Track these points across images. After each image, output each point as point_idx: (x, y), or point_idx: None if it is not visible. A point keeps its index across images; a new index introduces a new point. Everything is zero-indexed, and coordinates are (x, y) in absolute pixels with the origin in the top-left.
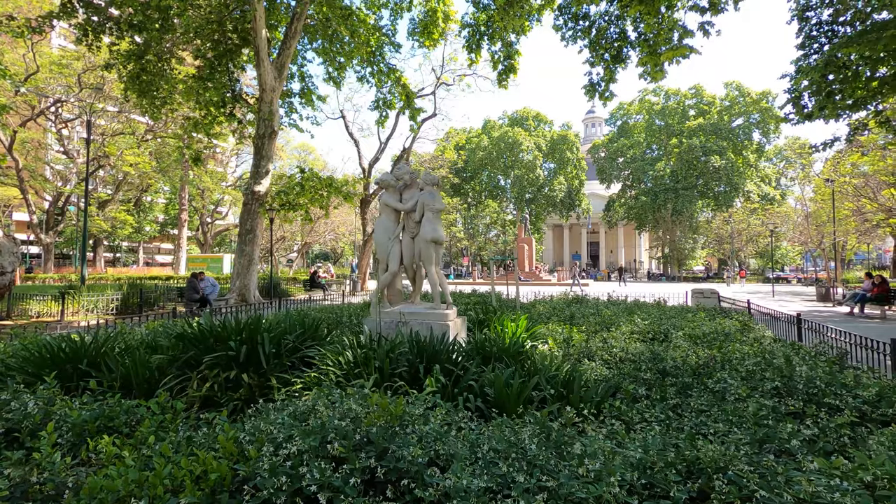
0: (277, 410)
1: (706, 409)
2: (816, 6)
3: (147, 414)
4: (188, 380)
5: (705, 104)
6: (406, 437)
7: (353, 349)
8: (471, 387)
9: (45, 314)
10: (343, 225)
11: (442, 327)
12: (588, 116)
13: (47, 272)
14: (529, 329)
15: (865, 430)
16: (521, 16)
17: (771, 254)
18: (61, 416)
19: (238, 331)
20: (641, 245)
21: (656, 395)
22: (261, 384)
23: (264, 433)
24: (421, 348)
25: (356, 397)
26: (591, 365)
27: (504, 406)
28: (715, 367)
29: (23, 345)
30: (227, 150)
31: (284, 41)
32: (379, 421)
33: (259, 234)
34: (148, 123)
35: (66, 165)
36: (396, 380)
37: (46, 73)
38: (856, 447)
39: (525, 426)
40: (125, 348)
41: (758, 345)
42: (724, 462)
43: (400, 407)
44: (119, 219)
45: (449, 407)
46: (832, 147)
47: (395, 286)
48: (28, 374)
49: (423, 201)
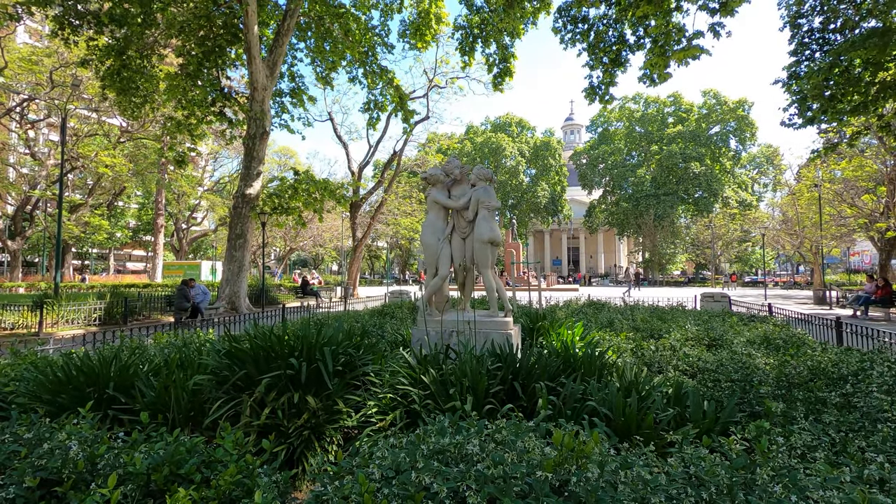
0: (400, 448)
1: (863, 430)
2: (807, 14)
3: (224, 456)
4: (238, 403)
5: (684, 112)
6: (597, 483)
7: (435, 365)
8: (593, 409)
9: (19, 325)
10: (328, 230)
11: (504, 337)
12: (567, 123)
13: (14, 280)
14: (583, 337)
15: None
16: (518, 18)
17: (764, 259)
18: (108, 461)
19: (293, 345)
20: (621, 250)
21: (789, 413)
22: (326, 408)
23: (412, 484)
24: (507, 362)
25: (535, 434)
26: (672, 376)
27: (633, 431)
28: (804, 377)
29: (32, 365)
30: (204, 153)
31: (276, 38)
32: (564, 464)
33: (250, 238)
34: (121, 126)
35: (33, 168)
36: (492, 401)
37: (14, 70)
38: None
39: (704, 459)
40: (152, 368)
41: (828, 353)
42: None
43: (591, 445)
44: (92, 224)
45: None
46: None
47: (443, 292)
48: (44, 403)
49: (476, 198)
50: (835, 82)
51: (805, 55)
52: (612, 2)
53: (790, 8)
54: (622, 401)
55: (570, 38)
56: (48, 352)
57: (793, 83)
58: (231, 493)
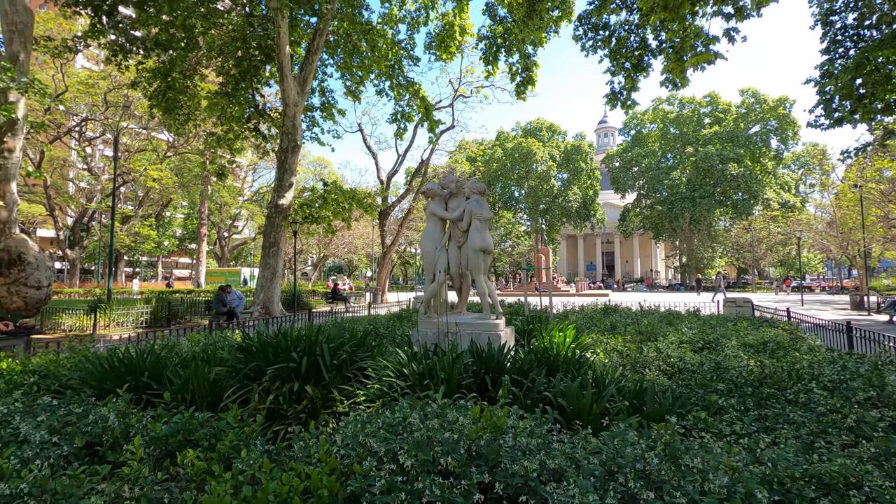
0: (363, 423)
1: (797, 421)
2: (840, 10)
3: (226, 427)
4: (250, 392)
5: (721, 112)
6: (513, 450)
7: (416, 360)
8: (545, 398)
9: (76, 328)
10: (360, 238)
11: (493, 337)
12: (600, 126)
13: (73, 287)
14: (577, 339)
15: None
16: (539, 27)
17: (799, 263)
18: (138, 430)
19: (297, 342)
20: (658, 255)
21: (739, 406)
22: (323, 396)
23: (363, 446)
24: (483, 359)
25: (458, 409)
26: (650, 375)
27: (580, 418)
28: (782, 378)
29: (84, 357)
30: (244, 165)
31: (306, 57)
32: (484, 434)
33: (283, 246)
34: (169, 140)
35: (90, 182)
36: (464, 391)
37: (74, 93)
38: None
39: (620, 438)
40: (181, 361)
41: (816, 354)
42: (855, 477)
43: (502, 419)
44: (142, 234)
45: (533, 420)
46: (864, 152)
47: (441, 296)
48: (93, 387)
49: (470, 210)
50: (865, 81)
51: (838, 52)
52: (634, 8)
53: (822, 5)
54: (577, 392)
55: (592, 45)
56: (98, 349)
57: (825, 82)
58: (229, 455)
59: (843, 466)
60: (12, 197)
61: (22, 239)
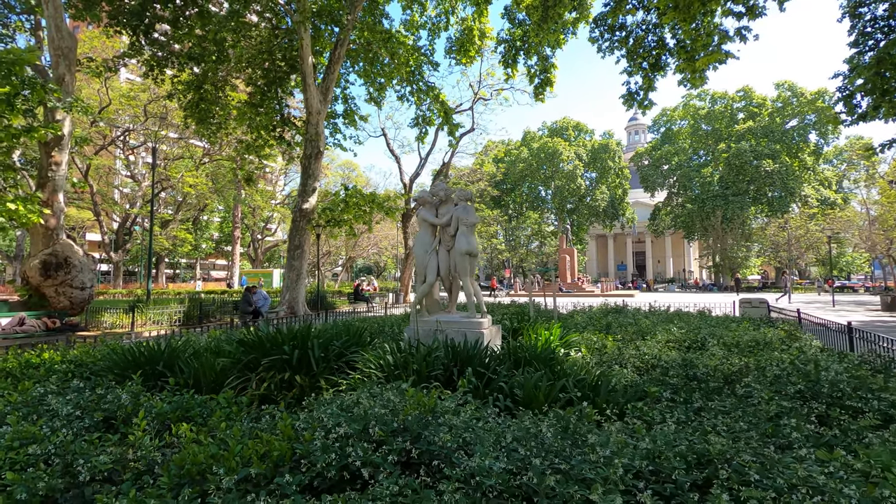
0: (327, 404)
1: (728, 410)
2: (870, 2)
3: (217, 407)
4: (248, 380)
5: (755, 106)
6: (438, 426)
7: (394, 354)
8: (501, 388)
9: (117, 325)
10: (385, 239)
11: (476, 335)
12: (631, 124)
13: (116, 287)
14: (563, 337)
15: (889, 432)
16: (556, 30)
17: (833, 261)
18: (147, 407)
19: (290, 338)
20: (690, 254)
21: (681, 398)
22: (311, 384)
23: (316, 421)
24: (455, 353)
25: (394, 391)
26: (622, 371)
27: (531, 405)
28: (746, 374)
29: (111, 349)
30: (275, 169)
31: (329, 66)
32: (414, 412)
33: (307, 249)
34: (205, 147)
35: (132, 189)
36: (433, 381)
37: (116, 105)
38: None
39: (544, 420)
40: (193, 353)
41: (799, 353)
42: (730, 454)
43: (432, 400)
44: (180, 237)
45: (478, 404)
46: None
47: (432, 297)
48: (115, 374)
49: (457, 216)
50: (890, 76)
51: (868, 45)
52: (651, 7)
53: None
54: (531, 383)
55: (608, 46)
56: (127, 343)
57: (852, 76)
58: (217, 428)
59: (723, 445)
60: (59, 206)
61: (68, 244)
